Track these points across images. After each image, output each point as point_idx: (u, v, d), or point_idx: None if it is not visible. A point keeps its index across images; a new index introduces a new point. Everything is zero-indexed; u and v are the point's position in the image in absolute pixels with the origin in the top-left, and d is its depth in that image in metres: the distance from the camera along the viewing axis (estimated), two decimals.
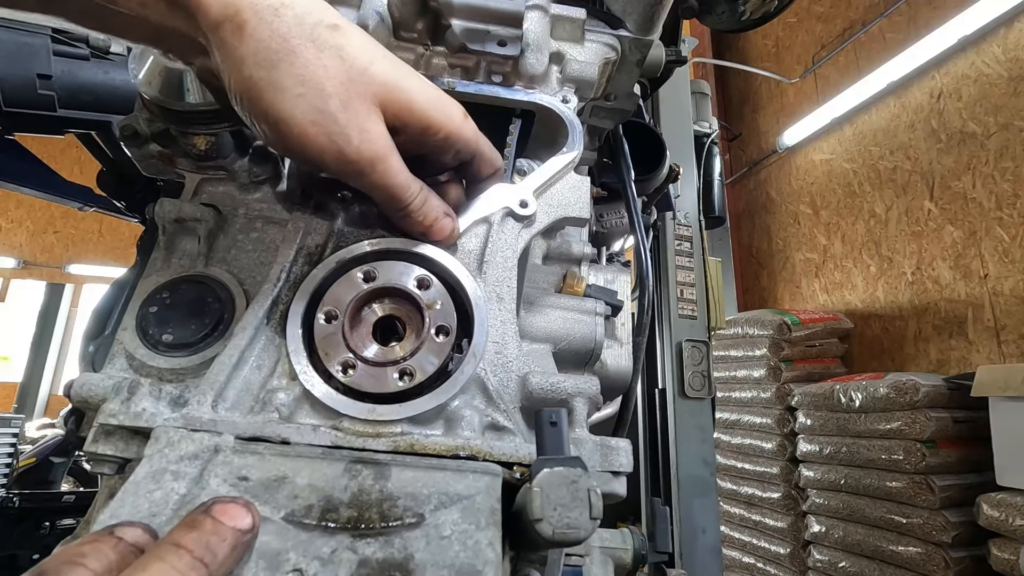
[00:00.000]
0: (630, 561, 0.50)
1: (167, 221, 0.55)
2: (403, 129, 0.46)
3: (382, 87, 0.44)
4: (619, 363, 0.61)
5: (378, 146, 0.43)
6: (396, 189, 0.45)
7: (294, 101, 0.41)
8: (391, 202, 0.46)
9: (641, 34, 0.73)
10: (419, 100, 0.46)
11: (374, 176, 0.44)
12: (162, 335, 0.50)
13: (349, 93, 0.42)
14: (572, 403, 0.42)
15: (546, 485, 0.31)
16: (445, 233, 0.48)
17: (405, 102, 0.45)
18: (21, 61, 0.77)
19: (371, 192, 0.46)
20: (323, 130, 0.41)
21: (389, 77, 0.45)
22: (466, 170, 0.53)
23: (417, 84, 0.46)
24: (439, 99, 0.47)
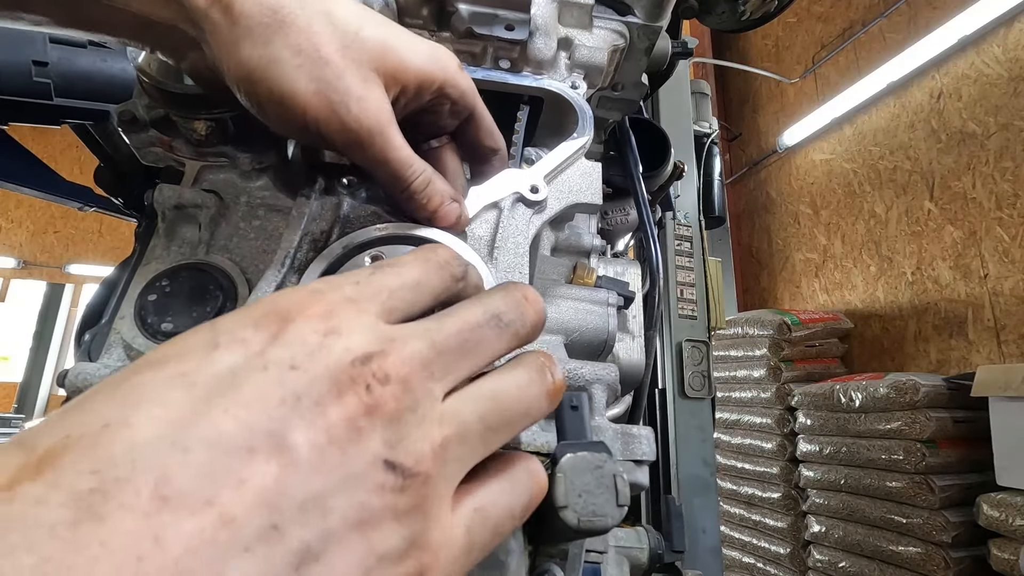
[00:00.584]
0: (646, 560, 0.48)
1: (167, 207, 0.54)
2: (401, 91, 0.44)
3: (375, 50, 0.42)
4: (631, 356, 0.60)
5: (377, 115, 0.41)
6: (397, 164, 0.43)
7: (295, 74, 0.39)
8: (393, 180, 0.44)
9: (650, 20, 0.72)
10: (412, 57, 0.44)
11: (374, 148, 0.42)
12: (161, 324, 0.48)
13: (345, 60, 0.41)
14: (591, 390, 0.41)
15: (570, 471, 0.29)
16: (452, 218, 0.46)
17: (398, 62, 0.43)
18: (16, 47, 0.75)
19: (373, 169, 0.44)
20: (325, 100, 0.40)
21: (381, 39, 0.43)
22: (465, 137, 0.51)
23: (408, 41, 0.45)
24: (432, 51, 0.46)
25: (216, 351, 0.24)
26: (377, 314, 0.27)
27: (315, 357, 0.24)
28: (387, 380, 0.24)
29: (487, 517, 0.26)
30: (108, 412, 0.21)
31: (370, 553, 0.22)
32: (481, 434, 0.27)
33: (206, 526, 0.20)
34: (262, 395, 0.23)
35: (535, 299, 0.32)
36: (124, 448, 0.20)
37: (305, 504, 0.21)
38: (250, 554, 0.20)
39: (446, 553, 0.25)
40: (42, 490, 0.19)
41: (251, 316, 0.25)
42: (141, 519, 0.19)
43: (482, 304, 0.30)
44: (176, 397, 0.22)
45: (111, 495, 0.19)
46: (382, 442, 0.24)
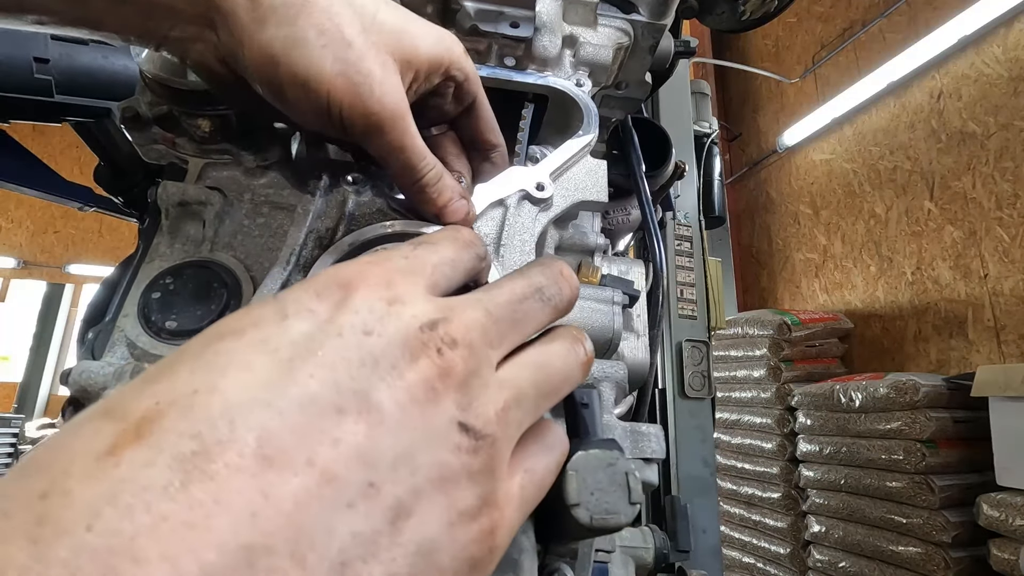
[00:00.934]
0: (651, 560, 0.48)
1: (170, 204, 0.53)
2: (415, 78, 0.44)
3: (391, 34, 0.42)
4: (636, 355, 0.60)
5: (397, 101, 0.41)
6: (413, 153, 0.43)
7: (320, 54, 0.39)
8: (406, 170, 0.44)
9: (654, 19, 0.71)
10: (424, 42, 0.44)
11: (393, 134, 0.42)
12: (165, 322, 0.48)
13: (366, 42, 0.41)
14: (599, 388, 0.41)
15: (582, 468, 0.29)
16: (460, 215, 0.46)
17: (412, 47, 0.43)
18: (17, 44, 0.75)
19: (388, 156, 0.43)
20: (349, 82, 0.39)
21: (396, 23, 0.43)
22: (466, 127, 0.51)
23: (420, 26, 0.45)
24: (439, 34, 0.46)
25: (287, 320, 0.25)
26: (426, 287, 0.28)
27: (386, 322, 0.25)
28: (455, 344, 0.26)
29: (534, 476, 0.28)
30: (196, 378, 0.22)
31: (452, 509, 0.24)
32: (535, 399, 0.29)
33: (311, 484, 0.20)
34: (343, 358, 0.23)
35: (570, 275, 0.34)
36: (219, 411, 0.21)
37: (396, 462, 0.23)
38: (353, 510, 0.21)
39: (509, 510, 0.26)
40: (147, 454, 0.19)
41: (313, 287, 0.26)
42: (249, 478, 0.20)
43: (526, 278, 0.32)
44: (261, 362, 0.23)
45: (215, 456, 0.20)
46: (455, 404, 0.25)
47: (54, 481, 0.18)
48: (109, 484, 0.18)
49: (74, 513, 0.17)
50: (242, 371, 0.22)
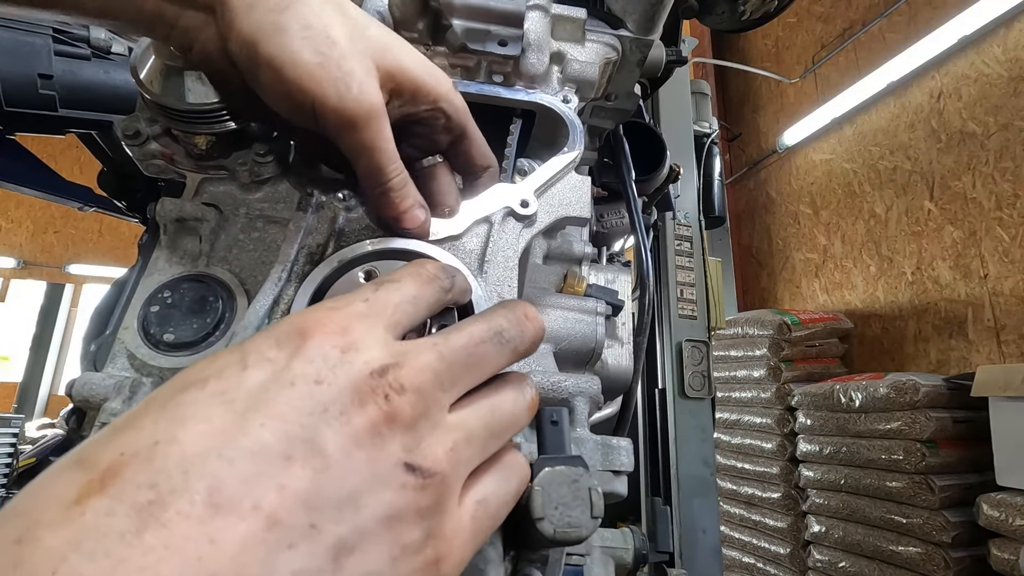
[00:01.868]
0: (631, 561, 0.50)
1: (169, 220, 0.55)
2: (396, 93, 0.46)
3: (378, 49, 0.44)
4: (620, 363, 0.61)
5: (375, 102, 0.43)
6: (383, 156, 0.44)
7: (300, 44, 0.41)
8: (375, 172, 0.45)
9: (642, 34, 0.73)
10: (411, 65, 0.46)
11: (367, 133, 0.43)
12: (163, 334, 0.50)
13: (351, 47, 0.42)
14: (573, 402, 0.42)
15: (547, 484, 0.31)
16: (417, 223, 0.48)
17: (398, 64, 0.45)
18: (22, 60, 0.77)
19: (358, 155, 0.45)
20: (327, 73, 0.41)
21: (385, 39, 0.45)
22: (457, 155, 0.53)
23: (409, 51, 0.47)
24: (430, 66, 0.48)
25: (246, 371, 0.27)
26: (386, 328, 0.30)
27: (337, 371, 0.27)
28: (403, 390, 0.27)
29: (488, 506, 0.30)
30: (159, 429, 0.24)
31: (396, 544, 0.26)
32: (484, 440, 0.31)
33: (256, 528, 0.22)
34: (293, 407, 0.25)
35: (535, 317, 0.36)
36: (175, 462, 0.23)
37: (339, 503, 0.24)
38: (294, 550, 0.23)
39: (458, 541, 0.28)
40: (108, 503, 0.22)
41: (274, 335, 0.28)
42: (197, 524, 0.22)
43: (487, 321, 0.33)
44: (218, 413, 0.25)
45: (168, 504, 0.22)
46: (401, 447, 0.27)
47: (28, 528, 0.21)
48: (75, 531, 0.21)
49: (43, 558, 0.20)
50: (200, 422, 0.24)
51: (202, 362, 0.28)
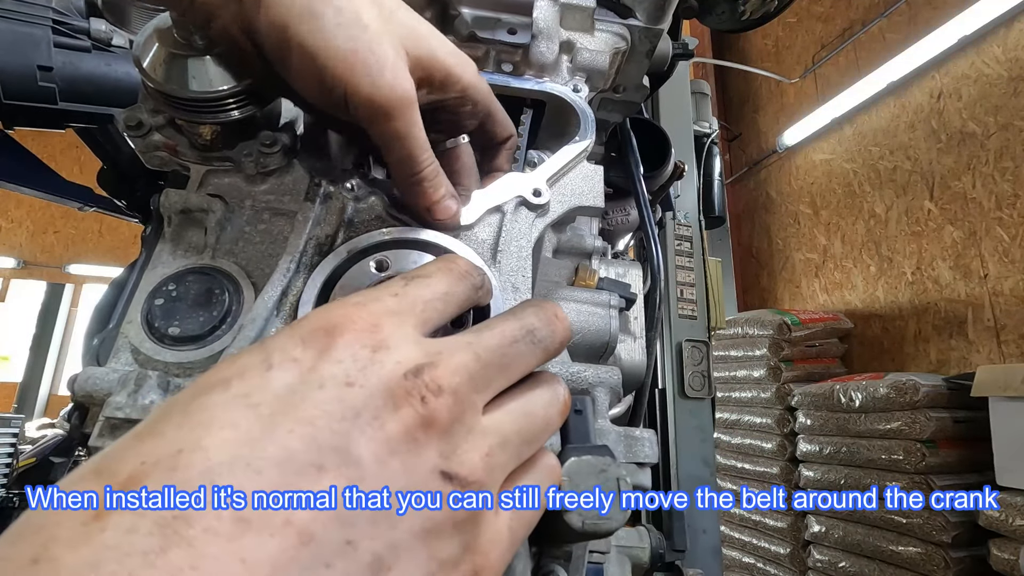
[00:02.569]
0: (647, 560, 0.49)
1: (173, 212, 0.54)
2: (426, 80, 0.44)
3: (409, 33, 0.43)
4: (633, 357, 0.60)
5: (408, 89, 0.42)
6: (416, 144, 0.43)
7: (333, 30, 0.39)
8: (407, 161, 0.44)
9: (651, 23, 0.72)
10: (441, 50, 0.45)
11: (400, 121, 0.42)
12: (168, 328, 0.48)
13: (382, 31, 0.41)
14: (593, 393, 0.41)
15: (575, 474, 0.29)
16: (449, 213, 0.47)
17: (428, 50, 0.44)
18: (21, 52, 0.76)
19: (391, 144, 0.43)
20: (360, 60, 0.40)
21: (414, 25, 0.44)
22: (480, 134, 0.52)
23: (438, 37, 0.46)
24: (457, 52, 0.47)
25: (271, 371, 0.25)
26: (415, 326, 0.28)
27: (368, 372, 0.25)
28: (440, 392, 0.25)
29: (523, 516, 0.28)
30: (180, 436, 0.22)
31: (433, 560, 0.24)
32: (518, 446, 0.29)
33: (288, 546, 0.20)
34: (323, 412, 0.23)
35: (563, 317, 0.34)
36: (200, 472, 0.21)
37: (375, 517, 0.23)
38: (331, 570, 0.21)
39: (495, 553, 0.26)
40: (131, 519, 0.20)
41: (299, 333, 0.26)
42: (226, 542, 0.20)
43: (519, 319, 0.31)
44: (242, 418, 0.23)
45: (194, 520, 0.20)
46: (438, 453, 0.25)
47: (44, 547, 0.19)
48: (93, 551, 0.19)
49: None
50: (225, 428, 0.22)
51: (223, 362, 0.26)
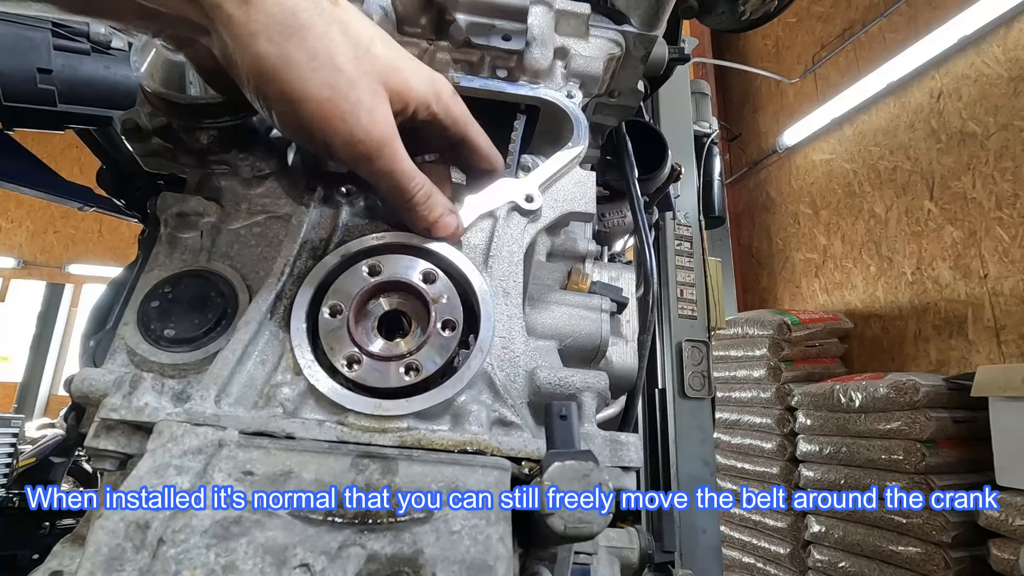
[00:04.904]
0: (637, 561, 0.49)
1: (169, 215, 0.55)
2: (402, 111, 0.45)
3: (384, 68, 0.44)
4: (624, 360, 0.61)
5: (385, 128, 0.43)
6: (402, 177, 0.44)
7: (309, 76, 0.40)
8: (397, 192, 0.45)
9: (645, 29, 0.72)
10: (416, 80, 0.46)
11: (381, 162, 0.43)
12: (164, 330, 0.49)
13: (357, 71, 0.42)
14: (581, 398, 0.42)
15: (557, 478, 0.30)
16: (450, 230, 0.47)
17: (404, 83, 0.45)
18: (21, 55, 0.76)
19: (377, 180, 0.45)
20: (336, 108, 0.40)
21: (389, 57, 0.44)
22: (459, 159, 0.53)
23: (412, 64, 0.47)
24: (430, 75, 0.48)
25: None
26: None
27: None
28: None
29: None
30: None
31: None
32: None
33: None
34: None
35: None
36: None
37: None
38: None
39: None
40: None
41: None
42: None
43: None
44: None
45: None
46: None
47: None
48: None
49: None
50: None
51: None
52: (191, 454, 0.35)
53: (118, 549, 0.29)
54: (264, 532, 0.30)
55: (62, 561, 0.39)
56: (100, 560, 0.29)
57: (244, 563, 0.29)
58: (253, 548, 0.29)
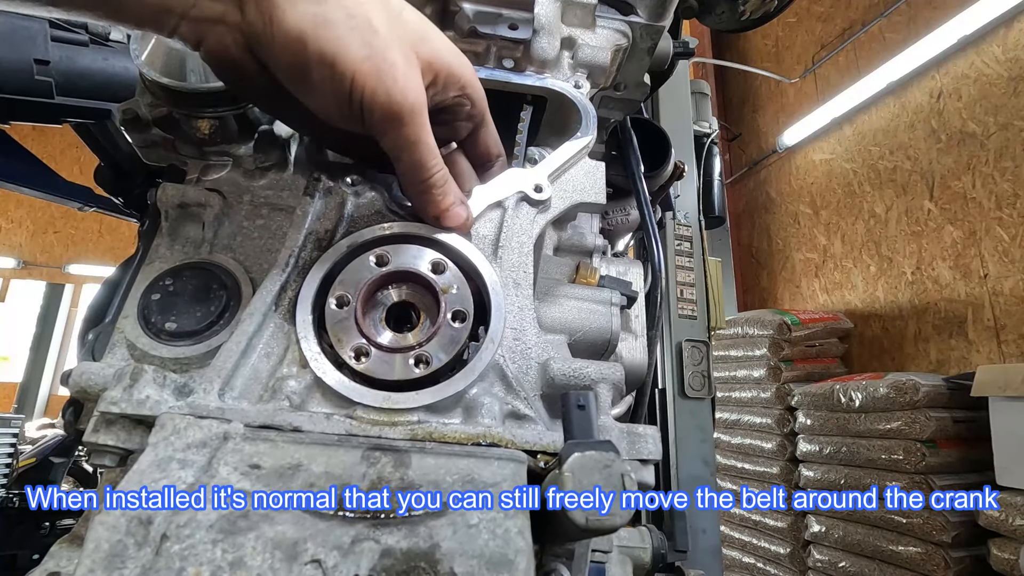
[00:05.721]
0: (649, 560, 0.48)
1: (170, 206, 0.54)
2: (432, 82, 0.44)
3: (416, 36, 0.43)
4: (634, 356, 0.60)
5: (419, 94, 0.42)
6: (426, 150, 0.43)
7: (348, 36, 0.39)
8: (418, 168, 0.44)
9: (653, 20, 0.72)
10: (444, 50, 0.45)
11: (410, 128, 0.42)
12: (165, 323, 0.48)
13: (392, 33, 0.41)
14: (596, 389, 0.41)
15: (578, 470, 0.29)
16: (459, 220, 0.46)
17: (434, 51, 0.44)
18: (18, 46, 0.75)
19: (401, 151, 0.43)
20: (374, 67, 0.40)
21: (420, 24, 0.44)
22: (475, 143, 0.52)
23: (441, 37, 0.46)
24: (457, 51, 0.47)
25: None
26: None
27: None
28: None
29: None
30: None
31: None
32: None
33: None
34: None
35: None
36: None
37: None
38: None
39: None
40: None
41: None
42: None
43: None
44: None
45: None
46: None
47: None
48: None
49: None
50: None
51: None
52: (195, 447, 0.34)
53: (119, 546, 0.28)
54: (273, 527, 0.29)
55: (59, 562, 0.38)
56: (100, 557, 0.28)
57: (252, 559, 0.28)
58: (262, 543, 0.28)
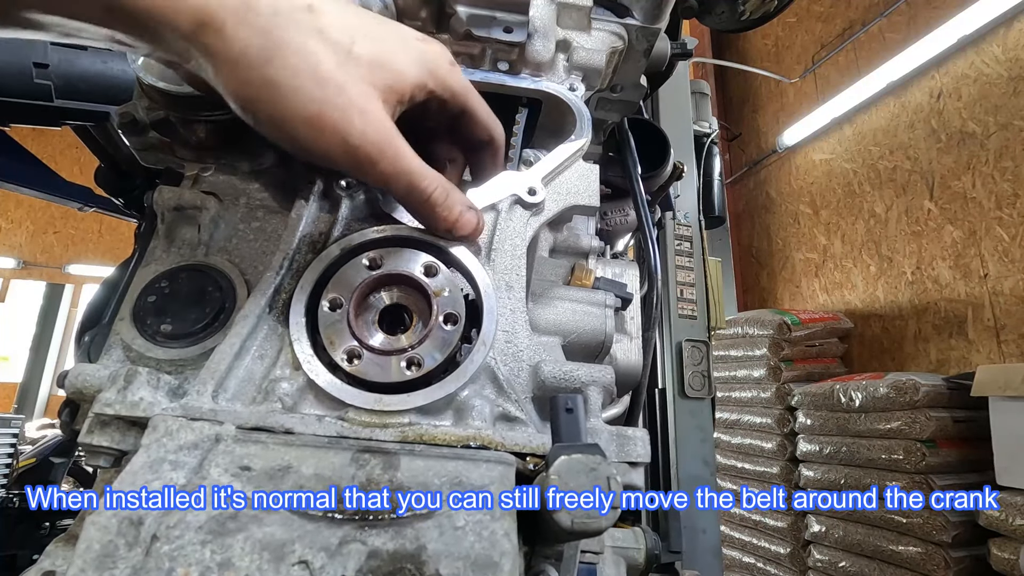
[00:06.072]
0: (643, 561, 0.48)
1: (166, 209, 0.54)
2: (398, 100, 0.44)
3: (368, 67, 0.42)
4: (629, 357, 0.60)
5: (380, 128, 0.41)
6: (412, 176, 0.43)
7: (293, 96, 0.39)
8: (412, 193, 0.43)
9: (648, 22, 0.72)
10: (404, 67, 0.44)
11: (384, 163, 0.41)
12: (160, 325, 0.48)
13: (342, 77, 0.40)
14: (586, 392, 0.41)
15: (564, 472, 0.29)
16: (470, 227, 0.46)
17: (393, 75, 0.43)
18: (17, 49, 0.76)
19: (388, 184, 0.43)
20: (327, 120, 0.39)
21: (373, 54, 0.43)
22: (459, 134, 0.51)
23: (399, 51, 0.45)
24: (421, 56, 0.46)
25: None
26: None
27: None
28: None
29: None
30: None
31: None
32: None
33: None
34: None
35: None
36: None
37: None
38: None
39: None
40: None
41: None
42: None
43: None
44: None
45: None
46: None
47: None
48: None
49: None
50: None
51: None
52: (187, 449, 0.34)
53: (110, 546, 0.28)
54: (261, 528, 0.29)
55: (55, 561, 0.38)
56: (92, 557, 0.28)
57: (241, 560, 0.28)
58: (250, 544, 0.28)
